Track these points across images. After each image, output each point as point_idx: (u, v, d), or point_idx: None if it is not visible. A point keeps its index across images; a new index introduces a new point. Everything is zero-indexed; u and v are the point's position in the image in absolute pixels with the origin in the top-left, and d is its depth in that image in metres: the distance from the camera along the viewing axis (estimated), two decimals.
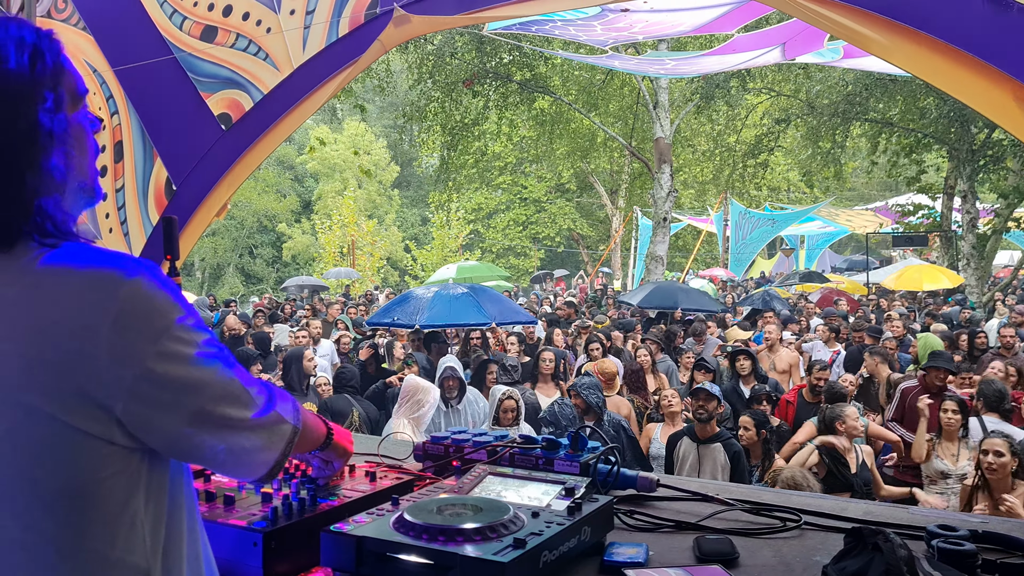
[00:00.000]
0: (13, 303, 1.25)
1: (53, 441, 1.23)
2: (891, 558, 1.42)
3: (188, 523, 1.43)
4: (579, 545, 1.75)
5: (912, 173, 23.15)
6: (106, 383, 1.24)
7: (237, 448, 1.38)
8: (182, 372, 1.30)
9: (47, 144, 1.34)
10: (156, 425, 1.30)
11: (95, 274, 1.27)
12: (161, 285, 1.31)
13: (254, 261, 44.91)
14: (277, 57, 4.52)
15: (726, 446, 6.07)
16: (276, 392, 1.50)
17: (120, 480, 1.29)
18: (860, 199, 42.32)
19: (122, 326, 1.25)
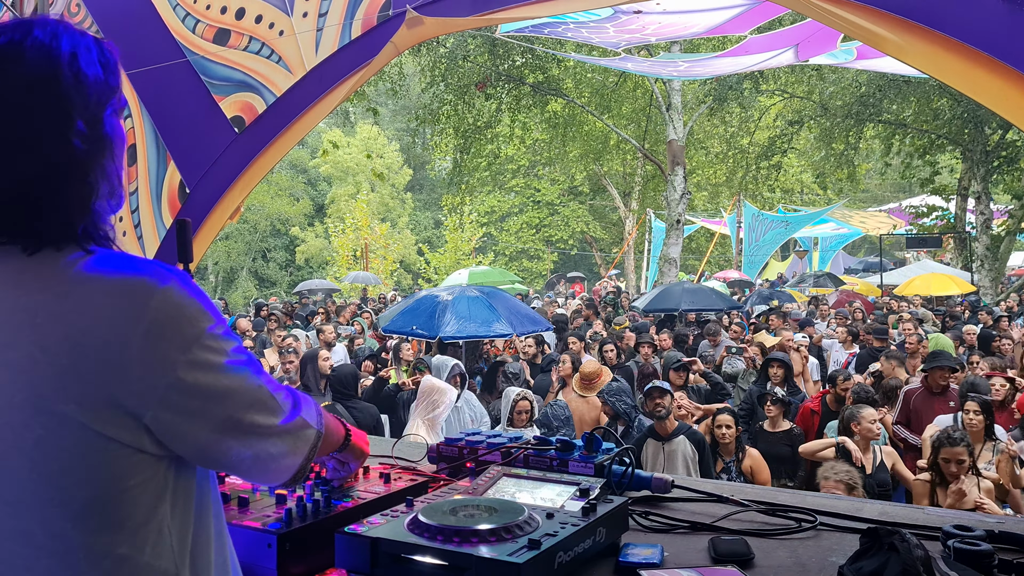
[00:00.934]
0: (46, 311, 1.25)
1: (83, 450, 1.23)
2: (907, 558, 1.41)
3: (215, 527, 1.43)
4: (594, 546, 1.75)
5: (926, 174, 23.07)
6: (137, 392, 1.25)
7: (264, 455, 1.39)
8: (212, 380, 1.31)
9: (107, 148, 1.38)
10: (185, 433, 1.30)
11: (127, 282, 1.27)
12: (192, 293, 1.31)
13: (267, 265, 45.05)
14: (290, 60, 4.53)
15: (688, 436, 6.12)
16: (300, 397, 1.50)
17: (148, 487, 1.29)
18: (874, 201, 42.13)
19: (154, 335, 1.25)
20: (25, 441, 1.23)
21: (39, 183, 1.31)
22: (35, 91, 1.32)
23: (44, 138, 1.32)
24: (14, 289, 1.27)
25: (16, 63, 1.32)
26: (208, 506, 1.42)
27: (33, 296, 1.26)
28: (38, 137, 1.31)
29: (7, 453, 1.23)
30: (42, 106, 1.32)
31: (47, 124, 1.32)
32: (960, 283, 20.25)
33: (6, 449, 1.23)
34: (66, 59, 1.34)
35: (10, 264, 1.29)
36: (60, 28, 1.37)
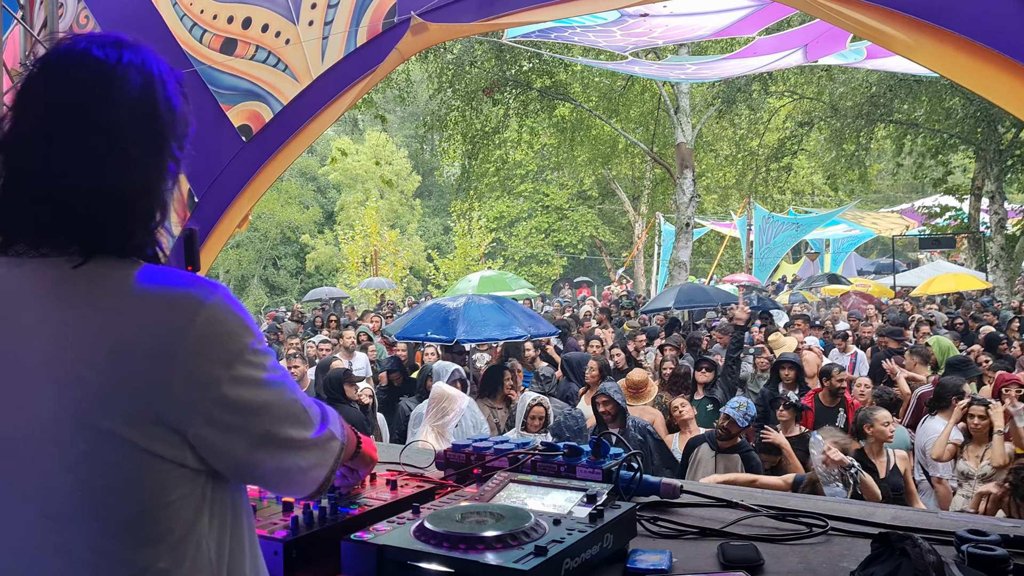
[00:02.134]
0: (93, 326, 1.24)
1: (128, 466, 1.23)
2: (919, 564, 1.39)
3: (249, 539, 1.43)
4: (601, 552, 1.73)
5: (938, 174, 22.96)
6: (181, 408, 1.25)
7: (294, 468, 1.39)
8: (252, 396, 1.31)
9: (176, 174, 1.42)
10: (224, 448, 1.30)
11: (173, 297, 1.27)
12: (235, 308, 1.31)
13: (278, 272, 45.17)
14: (296, 68, 4.54)
15: (744, 457, 6.02)
16: (327, 409, 1.50)
17: (188, 501, 1.29)
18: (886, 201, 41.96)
19: (199, 350, 1.25)
20: (70, 457, 1.22)
21: (115, 198, 1.31)
22: (136, 109, 1.33)
23: (135, 156, 1.33)
24: (60, 303, 1.26)
25: (121, 80, 1.33)
26: (242, 518, 1.42)
27: (80, 310, 1.25)
28: (129, 154, 1.32)
29: (51, 469, 1.23)
30: (142, 126, 1.34)
31: (142, 143, 1.34)
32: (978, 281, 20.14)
33: (50, 465, 1.23)
34: (159, 83, 1.37)
35: (55, 276, 1.28)
36: (150, 54, 1.40)
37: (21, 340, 1.26)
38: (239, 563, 1.38)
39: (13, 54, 5.01)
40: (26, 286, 1.29)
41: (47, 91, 1.33)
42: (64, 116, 1.30)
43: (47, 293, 1.27)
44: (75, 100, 1.31)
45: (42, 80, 1.34)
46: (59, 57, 1.35)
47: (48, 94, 1.32)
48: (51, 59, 1.35)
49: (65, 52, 1.35)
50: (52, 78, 1.33)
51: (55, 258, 1.28)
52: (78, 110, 1.31)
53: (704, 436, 6.33)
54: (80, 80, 1.32)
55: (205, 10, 4.74)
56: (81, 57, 1.33)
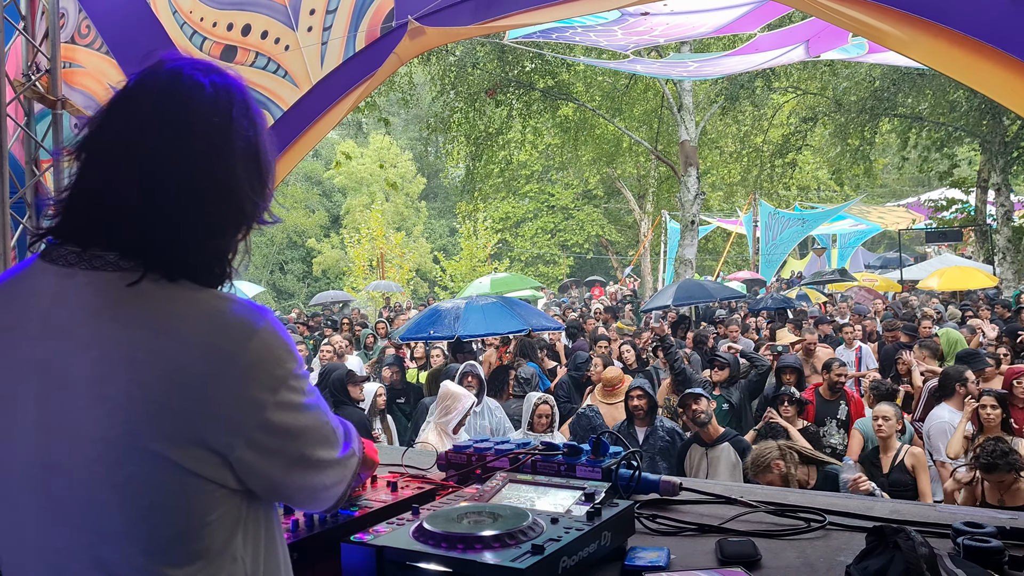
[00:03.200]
0: (146, 347, 1.23)
1: (173, 486, 1.24)
2: (911, 556, 1.40)
3: (281, 552, 1.45)
4: (599, 550, 1.75)
5: (944, 167, 22.88)
6: (226, 430, 1.25)
7: (320, 486, 1.40)
8: (292, 420, 1.32)
9: (259, 212, 1.43)
10: (262, 471, 1.31)
11: (226, 322, 1.28)
12: (282, 334, 1.32)
13: (285, 277, 45.28)
14: (296, 74, 4.56)
15: (734, 444, 6.00)
16: (349, 426, 1.51)
17: (225, 519, 1.30)
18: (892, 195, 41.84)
19: (249, 376, 1.25)
20: (117, 476, 1.22)
21: (183, 223, 1.30)
22: (223, 140, 1.33)
23: (212, 186, 1.32)
24: (115, 322, 1.25)
25: (218, 112, 1.33)
26: (274, 532, 1.43)
27: (134, 331, 1.24)
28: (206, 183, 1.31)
29: (97, 487, 1.23)
30: (223, 157, 1.33)
31: (221, 175, 1.33)
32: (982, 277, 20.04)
33: (96, 483, 1.23)
34: (256, 125, 1.39)
35: (111, 294, 1.27)
36: (250, 96, 1.40)
37: (74, 356, 1.25)
38: (273, 575, 1.40)
39: (15, 64, 5.05)
40: (80, 301, 1.27)
41: (133, 108, 1.32)
42: (140, 136, 1.29)
43: (102, 311, 1.26)
44: (159, 125, 1.30)
45: (132, 95, 1.33)
46: (156, 77, 1.34)
47: (133, 112, 1.32)
48: (142, 81, 1.34)
49: (156, 76, 1.34)
50: (141, 96, 1.33)
51: (108, 273, 1.28)
52: (167, 126, 1.30)
53: (691, 437, 6.31)
54: (172, 106, 1.31)
55: (205, 17, 4.76)
56: (190, 82, 1.33)
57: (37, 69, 5.11)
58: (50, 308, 1.28)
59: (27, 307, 1.31)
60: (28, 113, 5.20)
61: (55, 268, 1.31)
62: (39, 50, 5.05)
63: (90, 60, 5.12)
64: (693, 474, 5.98)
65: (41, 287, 1.31)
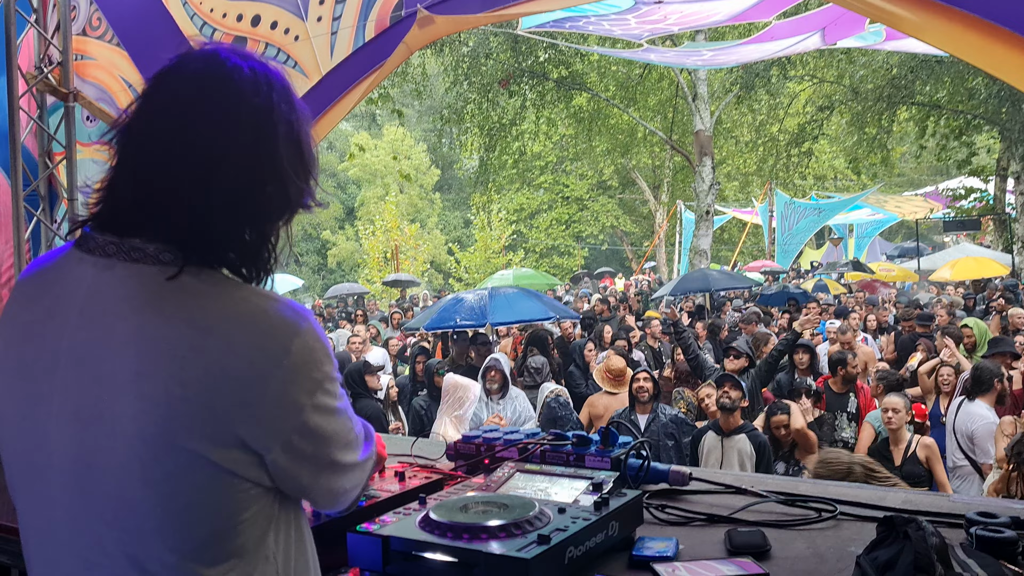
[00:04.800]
0: (188, 345, 1.20)
1: (210, 485, 1.23)
2: (920, 547, 1.38)
3: (311, 550, 1.44)
4: (607, 540, 1.73)
5: (962, 156, 22.66)
6: (265, 432, 1.24)
7: (341, 489, 1.40)
8: (326, 424, 1.31)
9: (295, 209, 1.41)
10: (294, 473, 1.30)
11: (270, 322, 1.25)
12: (322, 336, 1.31)
13: (300, 269, 45.37)
14: (306, 64, 4.55)
15: (751, 437, 5.94)
16: (370, 430, 1.50)
17: (259, 519, 1.28)
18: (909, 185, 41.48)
19: (291, 379, 1.24)
20: (154, 474, 1.20)
21: (224, 215, 1.27)
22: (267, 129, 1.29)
23: (257, 178, 1.29)
24: (155, 317, 1.22)
25: (269, 104, 1.29)
26: (303, 531, 1.42)
27: (174, 327, 1.21)
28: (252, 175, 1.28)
29: (133, 485, 1.21)
30: (268, 147, 1.29)
31: (267, 168, 1.29)
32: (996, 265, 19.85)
33: (132, 481, 1.21)
34: (302, 119, 1.36)
35: (150, 288, 1.24)
36: (285, 80, 1.37)
37: (112, 351, 1.22)
38: (303, 574, 1.39)
39: (28, 57, 5.06)
40: (119, 294, 1.25)
41: (177, 94, 1.28)
42: (186, 122, 1.26)
43: (142, 305, 1.23)
44: (205, 111, 1.26)
45: (175, 81, 1.29)
46: (195, 67, 1.30)
47: (178, 99, 1.28)
48: (187, 65, 1.30)
49: (199, 61, 1.30)
50: (185, 82, 1.29)
51: (148, 267, 1.25)
52: (211, 106, 1.26)
53: (708, 424, 6.28)
54: (216, 93, 1.27)
55: (215, 8, 4.76)
56: (222, 70, 1.29)
57: (49, 62, 5.12)
58: (87, 300, 1.26)
59: (63, 297, 1.29)
60: (41, 106, 5.22)
61: (92, 259, 1.28)
62: (51, 43, 5.06)
63: (101, 52, 5.13)
64: (705, 462, 5.96)
65: (78, 277, 1.29)
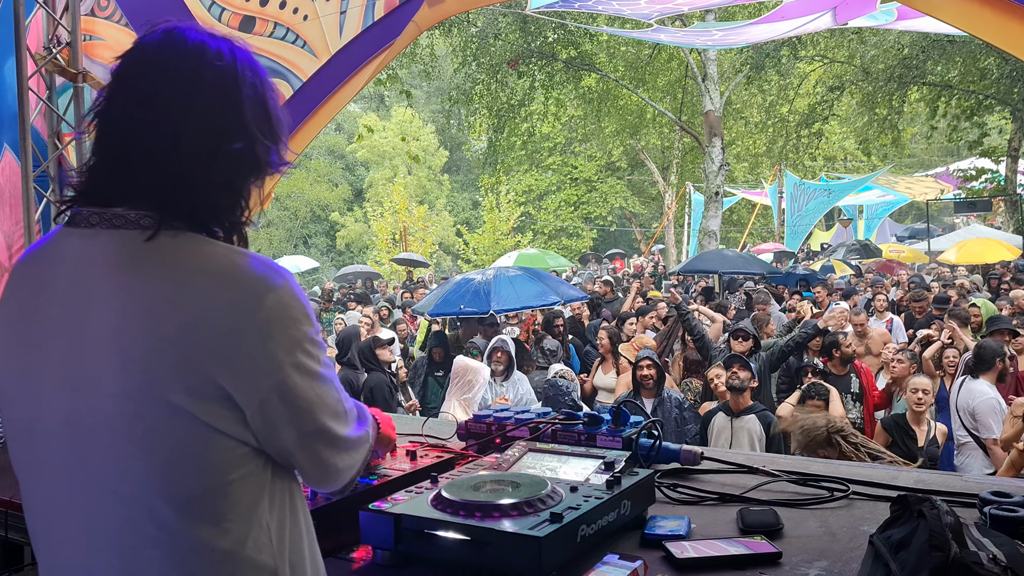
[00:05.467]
0: (165, 300, 1.24)
1: (193, 441, 1.25)
2: (935, 525, 1.37)
3: (305, 523, 1.45)
4: (618, 519, 1.74)
5: (974, 136, 22.50)
6: (244, 388, 1.25)
7: (331, 466, 1.40)
8: (307, 387, 1.31)
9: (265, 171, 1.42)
10: (277, 435, 1.31)
11: (244, 276, 1.28)
12: (300, 295, 1.33)
13: (309, 251, 45.38)
14: (315, 44, 4.53)
15: (760, 418, 5.93)
16: (364, 411, 1.51)
17: (249, 482, 1.30)
18: (920, 166, 41.20)
19: (266, 332, 1.26)
20: (137, 430, 1.23)
21: (190, 176, 1.31)
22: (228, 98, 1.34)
23: (216, 139, 1.33)
24: (132, 275, 1.27)
25: (224, 71, 1.34)
26: (298, 505, 1.43)
27: (152, 283, 1.26)
28: (210, 137, 1.32)
29: (118, 442, 1.24)
30: (231, 114, 1.34)
31: (228, 131, 1.34)
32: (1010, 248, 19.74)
33: (118, 438, 1.24)
34: (261, 83, 1.39)
35: (129, 248, 1.29)
36: (253, 58, 1.42)
37: (93, 312, 1.27)
38: (298, 547, 1.40)
39: (36, 38, 5.05)
40: (101, 258, 1.29)
41: (143, 68, 1.34)
42: (154, 93, 1.32)
43: (121, 265, 1.28)
44: (170, 79, 1.32)
45: (139, 58, 1.35)
46: (155, 42, 1.36)
47: (141, 76, 1.34)
48: (146, 44, 1.36)
49: (159, 37, 1.36)
50: (149, 57, 1.35)
51: (129, 231, 1.29)
52: (171, 88, 1.32)
53: (717, 406, 6.27)
54: (179, 62, 1.33)
55: None
56: (199, 45, 1.35)
57: (58, 42, 5.11)
58: (72, 269, 1.31)
59: (52, 271, 1.33)
60: (50, 87, 5.21)
61: (79, 231, 1.33)
62: (59, 23, 5.05)
63: (110, 32, 5.11)
64: (715, 442, 5.96)
65: (65, 250, 1.34)
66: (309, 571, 1.42)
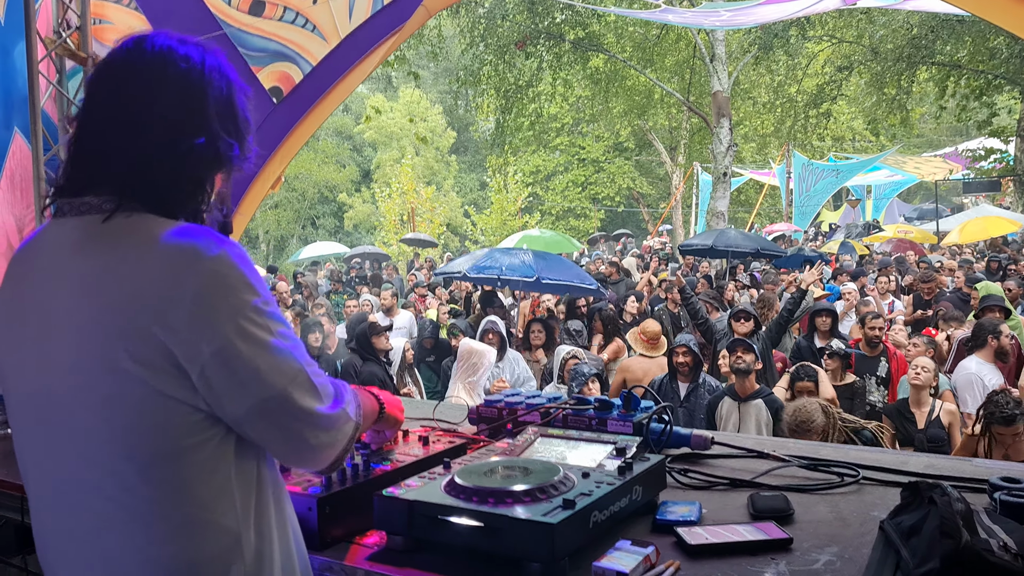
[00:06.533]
0: (110, 274, 1.34)
1: (145, 407, 1.33)
2: (946, 512, 1.39)
3: (275, 492, 1.50)
4: (630, 505, 1.75)
5: (983, 116, 22.38)
6: (186, 353, 1.31)
7: (301, 442, 1.43)
8: (254, 355, 1.35)
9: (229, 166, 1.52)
10: (225, 403, 1.36)
11: (179, 248, 1.35)
12: (241, 265, 1.37)
13: (317, 232, 45.41)
14: (324, 28, 4.52)
15: (767, 402, 5.91)
16: (342, 388, 1.53)
17: (208, 447, 1.37)
18: (928, 145, 40.94)
19: (201, 299, 1.31)
20: (95, 398, 1.33)
21: (149, 164, 1.41)
22: (186, 95, 1.44)
23: (174, 134, 1.42)
24: (87, 253, 1.37)
25: (180, 71, 1.44)
26: (267, 473, 1.48)
27: (102, 259, 1.36)
28: (167, 131, 1.42)
29: (79, 410, 1.35)
30: (187, 108, 1.43)
31: (184, 123, 1.43)
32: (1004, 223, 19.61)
33: (78, 407, 1.35)
34: (218, 78, 1.48)
35: (88, 230, 1.39)
36: (215, 55, 1.51)
37: (57, 292, 1.38)
38: (265, 513, 1.45)
39: (46, 22, 5.05)
40: (65, 241, 1.41)
41: (126, 78, 1.44)
42: (120, 93, 1.43)
43: (80, 246, 1.39)
44: (135, 80, 1.43)
45: (123, 67, 1.46)
46: (140, 48, 1.46)
47: (125, 81, 1.44)
48: (133, 50, 1.46)
49: (146, 45, 1.46)
50: (130, 67, 1.45)
51: (92, 216, 1.39)
52: (135, 88, 1.42)
53: (724, 390, 6.24)
54: (144, 65, 1.44)
55: None
56: (166, 50, 1.45)
57: (67, 26, 5.11)
58: (47, 254, 1.43)
59: (33, 258, 1.46)
60: (60, 70, 5.22)
61: (56, 220, 1.46)
62: (69, 7, 5.05)
63: (119, 16, 5.11)
64: (722, 427, 5.95)
65: (43, 238, 1.47)
66: (277, 540, 1.47)
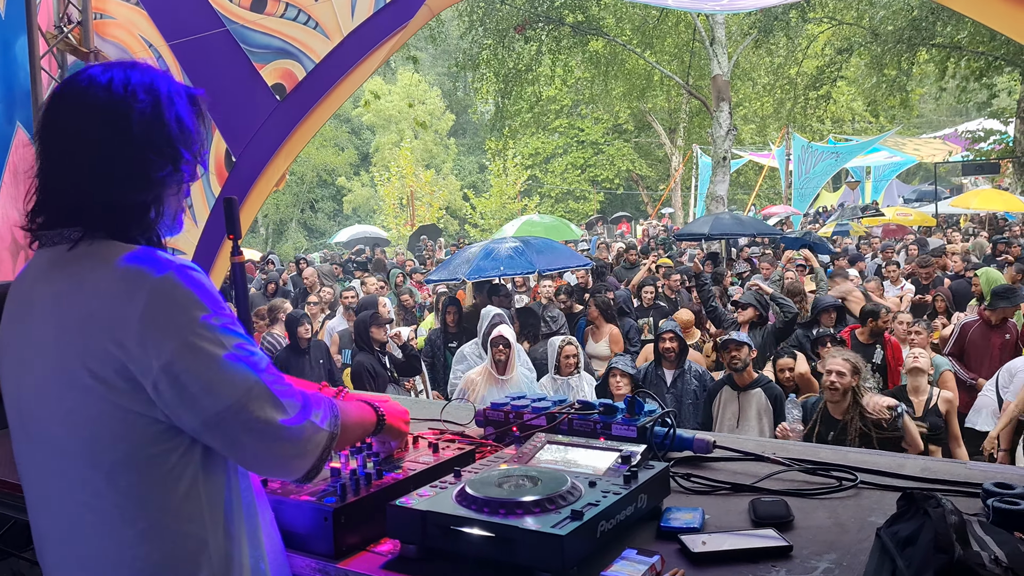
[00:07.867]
0: (72, 297, 1.44)
1: (106, 419, 1.42)
2: (940, 526, 1.44)
3: (245, 499, 1.57)
4: (636, 513, 1.80)
5: (983, 97, 22.40)
6: (140, 370, 1.39)
7: (265, 452, 1.48)
8: (204, 369, 1.41)
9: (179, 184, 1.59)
10: (181, 416, 1.43)
11: (128, 270, 1.42)
12: (187, 284, 1.43)
13: (316, 215, 45.43)
14: (327, 25, 4.54)
15: (766, 390, 5.94)
16: (311, 399, 1.56)
17: (173, 456, 1.45)
18: (928, 127, 40.91)
19: (148, 318, 1.39)
20: (59, 412, 1.46)
21: (107, 194, 1.48)
22: (130, 123, 1.48)
23: (128, 163, 1.48)
24: (51, 280, 1.48)
25: (121, 101, 1.49)
26: (237, 480, 1.55)
27: (63, 284, 1.46)
28: (121, 160, 1.48)
29: (50, 422, 1.47)
30: (135, 137, 1.48)
31: (135, 152, 1.48)
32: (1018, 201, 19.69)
33: (49, 419, 1.47)
34: (164, 102, 1.52)
35: (54, 259, 1.49)
36: (160, 76, 1.56)
37: (26, 315, 1.50)
38: (235, 520, 1.53)
39: (47, 17, 5.07)
40: (37, 270, 1.53)
41: (58, 113, 1.51)
42: (67, 130, 1.49)
43: (45, 273, 1.50)
44: (78, 118, 1.49)
45: (57, 103, 1.52)
46: (71, 82, 1.53)
47: (57, 116, 1.51)
48: (65, 84, 1.54)
49: (75, 78, 1.53)
50: (62, 102, 1.52)
51: (60, 246, 1.48)
52: (81, 124, 1.48)
53: (723, 379, 6.28)
54: (82, 100, 1.49)
55: None
56: (88, 80, 1.51)
57: (69, 21, 5.13)
58: (25, 284, 1.55)
59: (17, 287, 1.58)
60: (62, 66, 5.24)
61: (37, 253, 1.55)
62: (70, 2, 5.07)
63: (121, 11, 5.13)
64: (721, 417, 6.00)
65: (25, 268, 1.59)
66: (247, 545, 1.54)
